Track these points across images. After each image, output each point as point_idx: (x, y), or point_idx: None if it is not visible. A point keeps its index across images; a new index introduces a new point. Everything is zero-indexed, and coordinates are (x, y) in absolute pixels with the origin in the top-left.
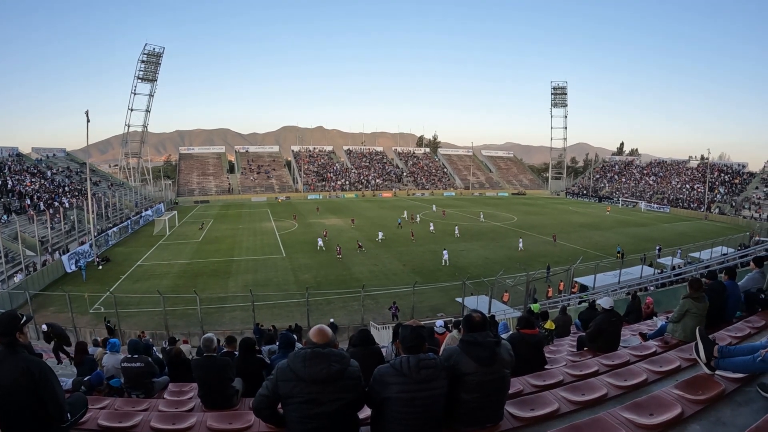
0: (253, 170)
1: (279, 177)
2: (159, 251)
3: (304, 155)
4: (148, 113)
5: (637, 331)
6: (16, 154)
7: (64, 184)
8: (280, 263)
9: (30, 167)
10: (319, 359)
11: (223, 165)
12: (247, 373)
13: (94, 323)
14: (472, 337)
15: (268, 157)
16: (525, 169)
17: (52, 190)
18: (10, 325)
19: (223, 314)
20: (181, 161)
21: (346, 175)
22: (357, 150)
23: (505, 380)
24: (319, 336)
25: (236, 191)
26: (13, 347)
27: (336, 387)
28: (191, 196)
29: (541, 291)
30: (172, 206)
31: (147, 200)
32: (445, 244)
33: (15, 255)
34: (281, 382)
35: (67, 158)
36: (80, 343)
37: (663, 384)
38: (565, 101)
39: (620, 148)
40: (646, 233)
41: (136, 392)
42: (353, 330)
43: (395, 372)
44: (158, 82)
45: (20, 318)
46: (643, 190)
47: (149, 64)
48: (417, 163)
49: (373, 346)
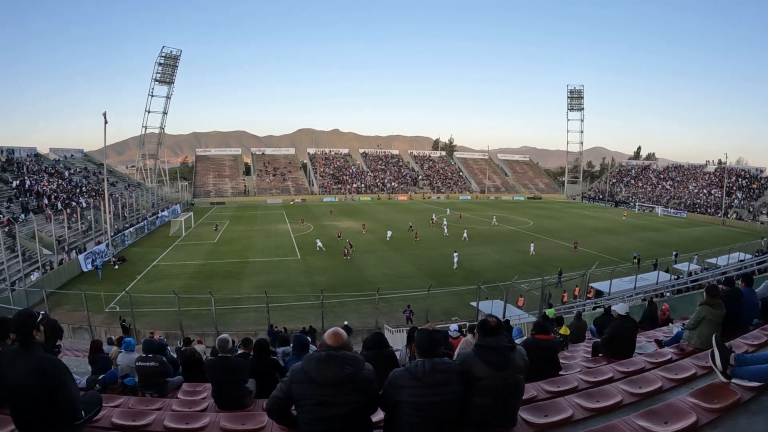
0: (269, 172)
1: (295, 179)
2: (174, 252)
3: (320, 158)
4: (165, 115)
5: (653, 338)
6: (34, 155)
7: (82, 185)
8: (295, 265)
9: (48, 167)
10: (333, 362)
11: (239, 167)
12: (261, 374)
13: (109, 322)
14: (486, 342)
15: (284, 160)
16: (541, 173)
17: (69, 190)
18: (27, 324)
19: (237, 315)
20: (197, 163)
21: (361, 178)
22: (373, 153)
23: (519, 386)
24: (334, 339)
25: (252, 193)
26: (28, 345)
27: (349, 390)
28: (207, 197)
29: (556, 296)
30: (188, 207)
31: (163, 201)
32: (458, 247)
33: (32, 254)
34: (295, 383)
35: (84, 159)
36: (95, 342)
37: (678, 392)
38: (582, 105)
39: (637, 152)
40: (662, 238)
41: (150, 391)
42: (367, 333)
43: (409, 376)
44: (175, 84)
45: (37, 316)
46: (659, 194)
47: (166, 67)
48: (433, 166)
49: (386, 349)
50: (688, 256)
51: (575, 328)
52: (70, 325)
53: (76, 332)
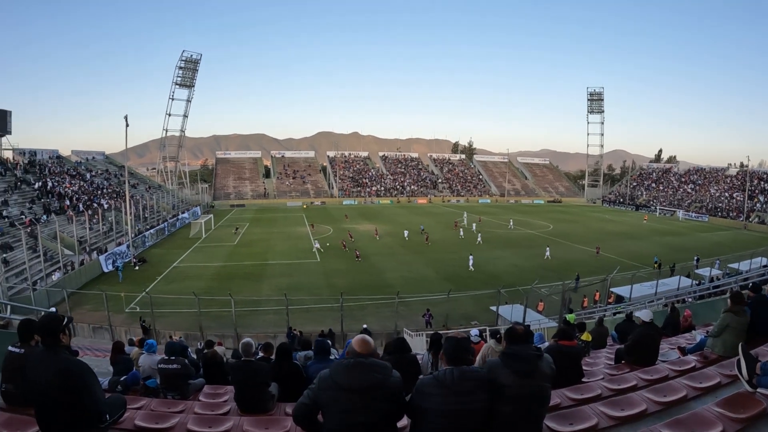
0: (288, 175)
1: (314, 182)
2: (194, 253)
3: (340, 161)
4: (185, 118)
5: (676, 345)
6: (56, 157)
7: (103, 186)
8: (314, 268)
9: (70, 169)
10: (362, 369)
11: (259, 169)
12: (283, 378)
13: (129, 322)
14: (513, 350)
15: (304, 162)
16: (561, 176)
17: (91, 192)
18: (53, 327)
19: (257, 317)
20: (217, 165)
21: (381, 181)
22: (392, 156)
23: (545, 394)
24: (362, 346)
25: (272, 196)
26: (54, 348)
27: (377, 397)
28: (227, 199)
29: (576, 301)
30: (208, 209)
31: (184, 203)
32: (474, 250)
33: (54, 254)
34: (322, 390)
35: (106, 161)
36: (117, 343)
37: (703, 401)
38: (602, 107)
39: (658, 155)
40: (683, 243)
41: (172, 393)
42: (386, 336)
43: (437, 383)
44: (195, 87)
45: (62, 319)
46: (681, 198)
47: (187, 71)
48: (452, 169)
49: (408, 354)
50: (710, 261)
51: (597, 334)
52: (91, 325)
53: (97, 332)
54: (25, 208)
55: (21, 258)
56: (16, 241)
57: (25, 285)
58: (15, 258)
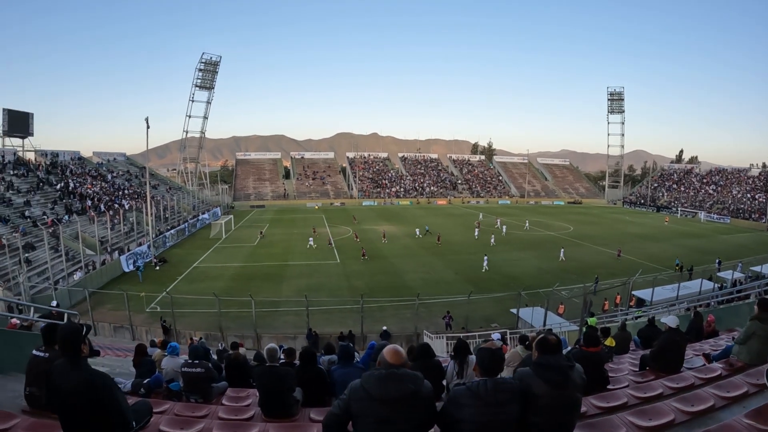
0: (308, 176)
1: (334, 183)
2: (215, 254)
3: (359, 162)
4: (205, 120)
5: (700, 351)
6: (78, 158)
7: (124, 187)
8: (334, 269)
9: (91, 170)
10: (394, 380)
11: (278, 170)
12: (307, 383)
13: (150, 322)
14: (545, 360)
15: (323, 164)
16: (581, 177)
17: (112, 193)
18: (74, 339)
19: (277, 318)
20: (237, 166)
21: (401, 182)
22: (412, 157)
23: (577, 404)
24: (394, 357)
25: (291, 196)
26: (77, 360)
27: (409, 408)
28: (247, 200)
29: (597, 304)
30: (228, 210)
31: (204, 204)
32: (493, 252)
33: (75, 254)
34: (354, 401)
35: (127, 162)
36: (140, 345)
37: (731, 411)
38: (622, 107)
39: (679, 156)
40: (704, 245)
41: (195, 396)
42: (406, 338)
43: (471, 394)
44: (215, 89)
45: (82, 329)
46: (702, 199)
47: (206, 73)
48: (472, 170)
49: (433, 360)
50: (732, 264)
51: (620, 339)
52: (112, 324)
53: (118, 331)
54: (47, 209)
55: (43, 258)
56: (39, 241)
57: (47, 284)
58: (37, 258)
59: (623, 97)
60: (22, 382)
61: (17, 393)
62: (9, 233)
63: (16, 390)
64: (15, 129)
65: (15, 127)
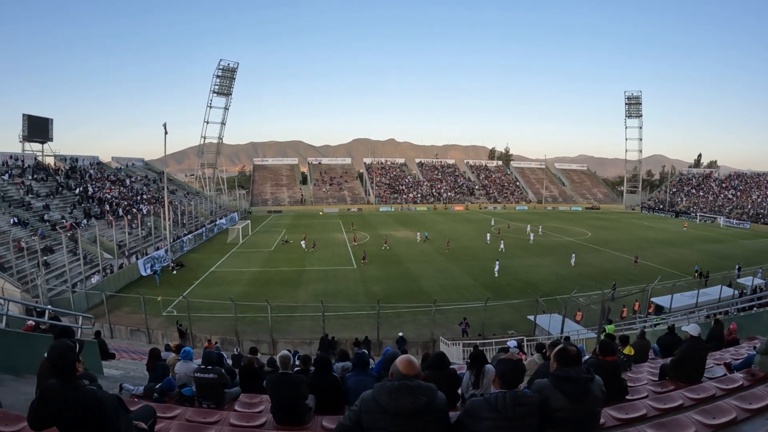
0: (325, 182)
1: (351, 189)
2: (231, 259)
3: (376, 167)
4: (223, 125)
5: (721, 360)
6: (96, 163)
7: (142, 192)
8: (351, 274)
9: (110, 175)
10: (407, 392)
11: (296, 176)
12: (321, 390)
13: (166, 326)
14: (565, 372)
15: (341, 169)
16: (599, 182)
17: (130, 197)
18: (68, 359)
19: (293, 323)
20: (255, 172)
21: (418, 187)
22: (429, 163)
23: (596, 418)
24: (408, 368)
25: (308, 202)
26: (72, 381)
27: (422, 420)
28: (264, 206)
29: (615, 311)
30: (245, 215)
31: (221, 209)
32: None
33: (93, 257)
34: (365, 413)
35: (145, 167)
36: (154, 350)
37: (753, 423)
38: (640, 111)
39: (698, 160)
40: (724, 251)
41: (207, 402)
42: (422, 345)
43: (489, 407)
44: (233, 95)
45: (75, 347)
46: (721, 204)
47: (224, 79)
48: (489, 176)
49: (448, 369)
50: (752, 270)
51: (639, 348)
52: (128, 327)
53: (134, 334)
54: (66, 213)
55: (61, 261)
56: (57, 245)
57: (65, 287)
58: (56, 261)
59: (641, 101)
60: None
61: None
62: (28, 236)
63: (28, 393)
64: (35, 134)
65: (35, 133)
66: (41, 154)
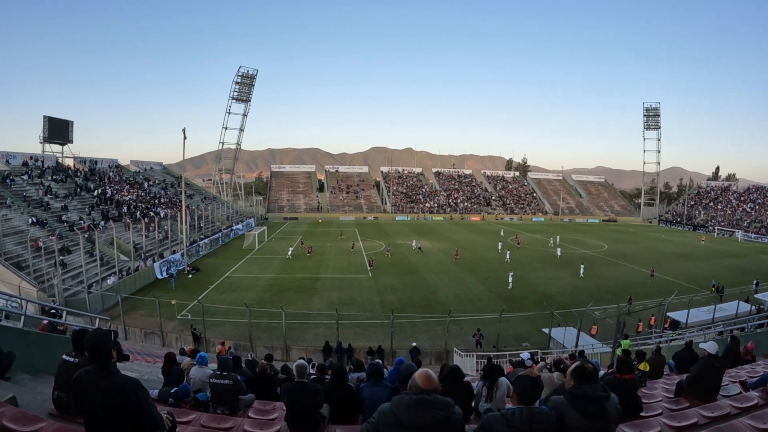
0: (342, 190)
1: (368, 197)
2: (247, 264)
3: (393, 176)
4: (241, 132)
5: (737, 378)
6: (115, 166)
7: (160, 196)
8: (366, 283)
9: (129, 178)
10: (425, 406)
11: (312, 183)
12: (336, 399)
13: (180, 329)
14: (581, 390)
15: (357, 177)
16: (616, 194)
17: (148, 201)
18: (106, 345)
19: (307, 330)
20: (272, 178)
21: (434, 197)
22: (446, 172)
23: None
24: (426, 382)
25: (325, 209)
26: (107, 367)
27: None
28: (281, 212)
29: (631, 324)
30: (261, 222)
31: (238, 215)
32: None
33: (110, 259)
34: (383, 426)
35: (163, 171)
36: (169, 354)
37: None
38: (658, 123)
39: (716, 173)
40: (742, 265)
41: (222, 407)
42: (436, 355)
43: (505, 422)
44: (252, 102)
45: (110, 335)
46: (740, 218)
47: (243, 86)
48: (506, 186)
49: (462, 382)
50: None
51: (654, 363)
52: (143, 330)
53: (148, 337)
54: (84, 214)
55: (78, 261)
56: (75, 245)
57: (81, 288)
58: (72, 261)
59: (659, 112)
60: (50, 385)
61: (45, 396)
62: (46, 236)
63: (44, 393)
64: (55, 136)
65: (55, 134)
66: (61, 156)
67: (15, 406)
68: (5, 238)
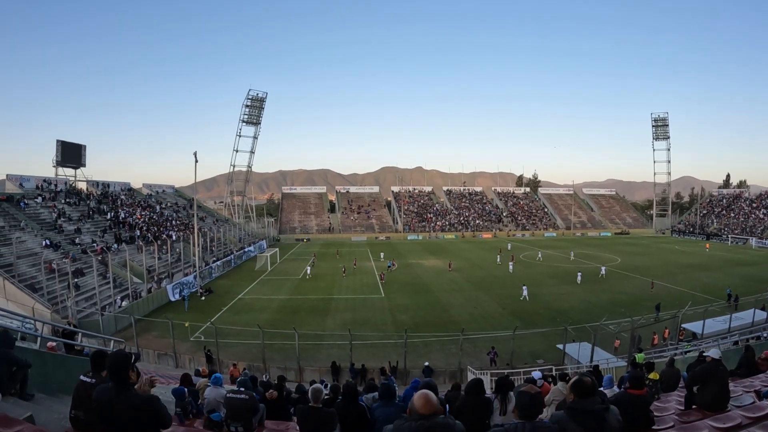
0: (353, 210)
1: (379, 217)
2: (260, 286)
3: (404, 195)
4: (252, 154)
5: (751, 388)
6: (128, 189)
7: (172, 218)
8: (379, 303)
9: (141, 201)
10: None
11: (324, 204)
12: (347, 418)
13: (194, 351)
14: (580, 404)
15: (368, 197)
16: (628, 206)
17: (160, 223)
18: (123, 365)
19: (320, 351)
20: (283, 200)
21: (445, 215)
22: (456, 190)
23: None
24: (425, 406)
25: (336, 230)
26: (125, 385)
27: None
28: (293, 233)
29: (646, 337)
30: (273, 243)
31: (250, 236)
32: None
33: (123, 281)
34: None
35: (175, 194)
36: (185, 375)
37: None
38: (667, 133)
39: (726, 180)
40: (757, 273)
41: (236, 424)
42: (450, 374)
43: None
44: (262, 124)
45: (131, 357)
46: (753, 224)
47: (253, 108)
48: (517, 203)
49: (483, 397)
50: None
51: (668, 376)
52: (156, 352)
53: (162, 358)
54: (97, 237)
55: (91, 284)
56: (88, 268)
57: (94, 310)
58: (86, 283)
59: (668, 122)
60: (67, 405)
61: (62, 415)
62: (59, 259)
63: (61, 412)
64: (68, 159)
65: (68, 158)
66: (74, 179)
67: (33, 424)
68: (19, 260)
